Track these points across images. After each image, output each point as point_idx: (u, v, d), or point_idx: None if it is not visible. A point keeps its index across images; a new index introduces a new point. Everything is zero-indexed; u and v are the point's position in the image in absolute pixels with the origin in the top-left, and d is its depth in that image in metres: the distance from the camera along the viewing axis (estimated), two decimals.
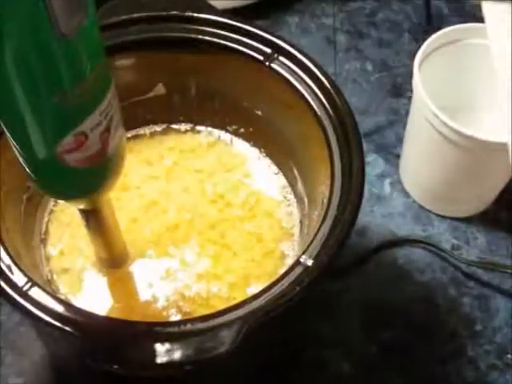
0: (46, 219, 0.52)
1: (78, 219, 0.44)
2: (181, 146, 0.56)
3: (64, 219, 0.52)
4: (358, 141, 0.44)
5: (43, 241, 0.51)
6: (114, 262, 0.49)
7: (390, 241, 0.60)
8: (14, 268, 0.40)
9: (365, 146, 0.45)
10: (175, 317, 0.47)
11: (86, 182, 0.38)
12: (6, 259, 0.40)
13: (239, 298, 0.39)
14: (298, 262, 0.40)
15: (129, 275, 0.49)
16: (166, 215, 0.52)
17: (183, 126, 0.57)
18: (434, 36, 0.57)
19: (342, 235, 0.41)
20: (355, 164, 0.43)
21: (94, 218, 0.42)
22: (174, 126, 0.57)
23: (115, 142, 0.36)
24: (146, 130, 0.57)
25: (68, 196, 0.40)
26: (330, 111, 0.46)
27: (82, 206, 0.41)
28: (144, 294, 0.49)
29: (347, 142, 0.44)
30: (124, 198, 0.53)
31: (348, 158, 0.44)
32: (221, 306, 0.39)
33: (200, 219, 0.52)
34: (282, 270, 0.41)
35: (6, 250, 0.41)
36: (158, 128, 0.57)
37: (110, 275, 0.49)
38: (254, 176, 0.55)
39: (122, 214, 0.50)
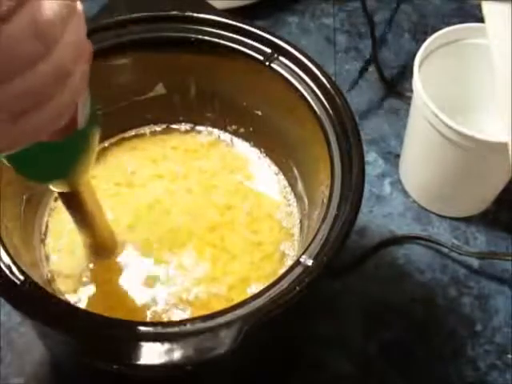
0: (45, 218, 0.52)
1: None
2: (184, 146, 0.56)
3: (64, 218, 0.52)
4: (357, 141, 0.44)
5: (43, 240, 0.51)
6: (103, 249, 0.49)
7: (389, 239, 0.60)
8: (13, 268, 0.40)
9: (365, 146, 0.45)
10: (175, 318, 0.47)
11: (60, 158, 0.37)
12: (6, 259, 0.40)
13: (239, 300, 0.39)
14: (298, 262, 0.40)
15: (129, 276, 0.49)
16: (167, 216, 0.52)
17: (183, 126, 0.57)
18: (433, 36, 0.57)
19: (342, 235, 0.41)
20: (355, 164, 0.43)
21: (75, 201, 0.43)
22: (174, 126, 0.57)
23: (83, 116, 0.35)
24: (146, 130, 0.57)
25: (44, 177, 0.39)
26: (330, 111, 0.46)
27: (61, 189, 0.41)
28: (144, 296, 0.48)
29: (347, 141, 0.44)
30: (129, 195, 0.53)
31: (348, 158, 0.44)
32: (220, 308, 0.39)
33: (201, 220, 0.52)
34: (282, 271, 0.41)
35: (5, 249, 0.41)
36: (157, 128, 0.57)
37: (110, 276, 0.49)
38: (254, 176, 0.55)
39: (124, 212, 0.50)
